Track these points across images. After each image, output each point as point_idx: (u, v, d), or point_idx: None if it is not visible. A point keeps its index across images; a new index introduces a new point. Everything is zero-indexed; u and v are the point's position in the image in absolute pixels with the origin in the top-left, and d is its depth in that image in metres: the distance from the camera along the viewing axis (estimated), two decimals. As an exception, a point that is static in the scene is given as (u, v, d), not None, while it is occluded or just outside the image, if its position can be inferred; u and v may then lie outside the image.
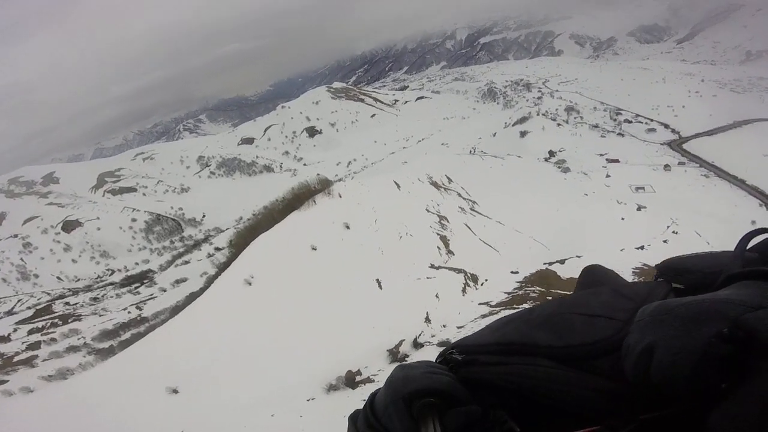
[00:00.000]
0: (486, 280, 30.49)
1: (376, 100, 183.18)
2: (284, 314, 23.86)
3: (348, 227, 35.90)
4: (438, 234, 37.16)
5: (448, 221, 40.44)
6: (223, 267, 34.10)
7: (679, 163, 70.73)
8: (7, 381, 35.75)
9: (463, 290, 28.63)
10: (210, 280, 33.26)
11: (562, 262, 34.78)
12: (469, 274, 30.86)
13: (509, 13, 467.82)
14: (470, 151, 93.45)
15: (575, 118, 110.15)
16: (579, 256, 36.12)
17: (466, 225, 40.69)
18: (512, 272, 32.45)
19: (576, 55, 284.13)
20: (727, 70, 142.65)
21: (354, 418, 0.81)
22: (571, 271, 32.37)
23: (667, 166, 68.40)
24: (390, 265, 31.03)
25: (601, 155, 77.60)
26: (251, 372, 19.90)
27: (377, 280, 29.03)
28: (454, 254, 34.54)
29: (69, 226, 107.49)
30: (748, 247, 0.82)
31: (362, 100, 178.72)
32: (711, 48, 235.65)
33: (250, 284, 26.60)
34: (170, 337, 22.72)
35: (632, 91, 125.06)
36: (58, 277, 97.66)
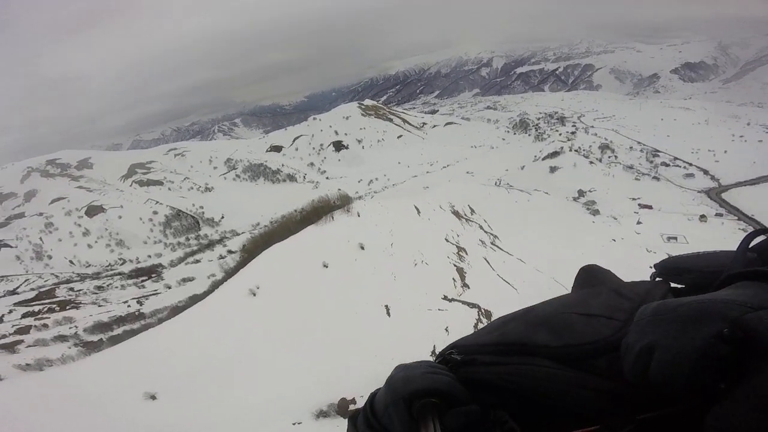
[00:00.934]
0: (500, 320, 28.52)
1: (404, 121, 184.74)
2: (284, 330, 22.61)
3: (363, 248, 34.70)
4: (455, 265, 35.45)
5: (466, 253, 38.72)
6: (231, 272, 33.31)
7: (717, 214, 66.04)
8: None
9: (475, 326, 26.72)
10: (215, 285, 32.44)
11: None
12: (483, 310, 28.95)
13: (549, 45, 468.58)
14: (496, 183, 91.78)
15: (609, 157, 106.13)
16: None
17: (485, 259, 38.85)
18: (530, 314, 30.43)
19: (615, 91, 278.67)
20: None
21: (354, 418, 0.80)
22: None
23: (703, 217, 64.01)
24: (401, 292, 29.50)
25: (634, 199, 74.20)
26: (238, 385, 18.72)
27: (386, 306, 27.50)
28: (469, 287, 32.71)
29: (92, 210, 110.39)
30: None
31: (391, 120, 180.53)
32: (760, 89, 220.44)
33: (254, 295, 25.54)
34: (160, 341, 21.74)
35: (672, 132, 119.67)
36: (70, 261, 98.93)
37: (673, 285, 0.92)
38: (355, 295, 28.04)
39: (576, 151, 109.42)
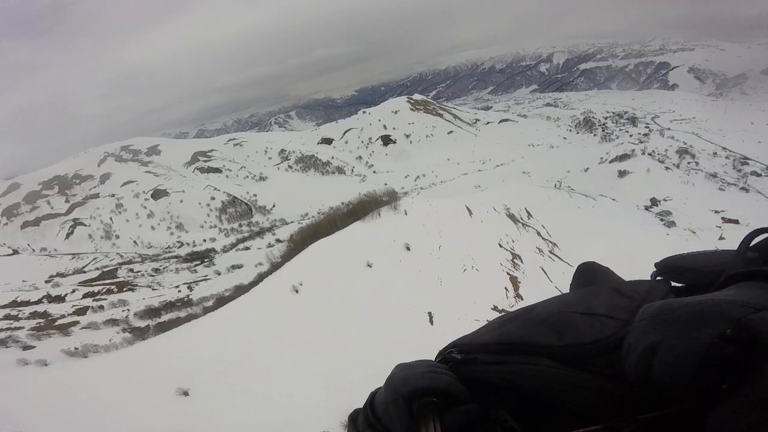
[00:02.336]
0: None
1: (455, 116, 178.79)
2: (323, 331, 21.51)
3: (408, 248, 32.90)
4: (508, 273, 32.52)
5: (521, 261, 35.51)
6: (276, 265, 33.05)
7: None
8: (34, 348, 37.40)
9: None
10: (261, 277, 32.34)
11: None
12: (538, 328, 26.08)
13: (618, 41, 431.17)
14: (555, 185, 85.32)
15: (689, 163, 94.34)
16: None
17: (542, 269, 35.40)
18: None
19: (694, 91, 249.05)
20: None
21: (354, 418, 0.80)
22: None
23: None
24: (447, 299, 27.37)
25: (717, 212, 65.23)
26: (271, 386, 17.87)
27: (429, 313, 25.60)
28: (522, 299, 29.70)
29: (158, 194, 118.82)
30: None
31: (441, 115, 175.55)
32: None
33: (296, 291, 24.79)
34: (199, 335, 21.53)
35: (764, 138, 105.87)
36: (134, 241, 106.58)
37: (673, 284, 0.92)
38: (398, 299, 26.41)
39: (649, 154, 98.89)
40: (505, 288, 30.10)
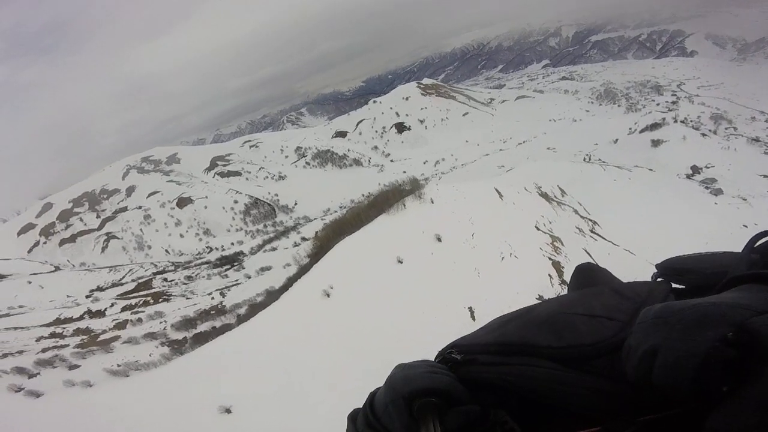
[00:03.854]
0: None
1: (468, 98, 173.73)
2: (360, 338, 20.28)
3: (440, 240, 31.20)
4: (550, 258, 30.46)
5: (562, 244, 33.29)
6: (304, 267, 32.14)
7: None
8: (79, 367, 38.03)
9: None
10: (290, 281, 31.51)
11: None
12: (589, 317, 24.11)
13: (626, 10, 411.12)
14: (584, 159, 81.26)
15: (726, 128, 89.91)
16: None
17: (585, 251, 33.05)
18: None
19: (715, 57, 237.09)
20: None
21: (354, 418, 0.79)
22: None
23: None
24: (487, 291, 25.66)
25: (766, 176, 60.96)
26: (308, 397, 16.86)
27: (470, 308, 24.01)
28: (568, 285, 27.80)
29: (182, 202, 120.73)
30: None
31: (454, 98, 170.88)
32: None
33: (328, 296, 23.67)
34: (234, 347, 20.81)
35: None
36: (166, 250, 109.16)
37: (674, 285, 0.92)
38: (434, 295, 24.90)
39: (682, 122, 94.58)
40: (549, 275, 28.12)
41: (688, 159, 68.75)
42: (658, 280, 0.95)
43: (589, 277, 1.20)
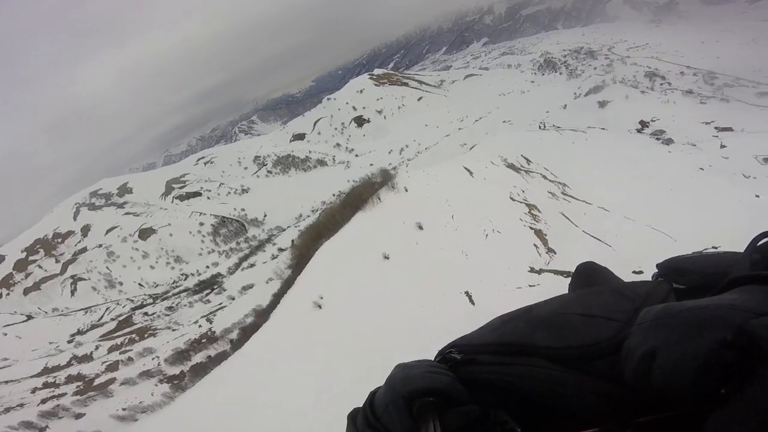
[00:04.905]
0: (604, 286, 24.13)
1: (420, 82, 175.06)
2: (362, 348, 19.29)
3: (421, 227, 30.96)
4: (531, 228, 31.01)
5: (539, 210, 33.99)
6: (288, 280, 31.03)
7: None
8: (84, 415, 36.01)
9: (579, 300, 22.68)
10: (276, 297, 30.33)
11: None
12: (581, 279, 24.72)
13: None
14: (540, 127, 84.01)
15: (661, 84, 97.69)
16: (715, 247, 28.33)
17: (563, 214, 33.95)
18: (635, 272, 25.76)
19: (635, 21, 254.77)
20: None
21: (354, 417, 0.79)
22: (716, 268, 25.08)
23: None
24: (479, 272, 25.69)
25: (707, 123, 66.16)
26: (317, 421, 16.14)
27: (467, 293, 23.86)
28: (555, 253, 28.36)
29: (144, 233, 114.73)
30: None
31: (406, 84, 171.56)
32: None
33: (320, 307, 22.80)
34: (234, 382, 19.73)
35: (720, 54, 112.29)
36: (139, 284, 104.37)
37: (675, 285, 0.91)
38: (428, 285, 24.59)
39: (620, 82, 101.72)
40: (534, 245, 28.62)
41: (634, 115, 72.94)
42: (659, 280, 0.95)
43: (589, 276, 1.19)
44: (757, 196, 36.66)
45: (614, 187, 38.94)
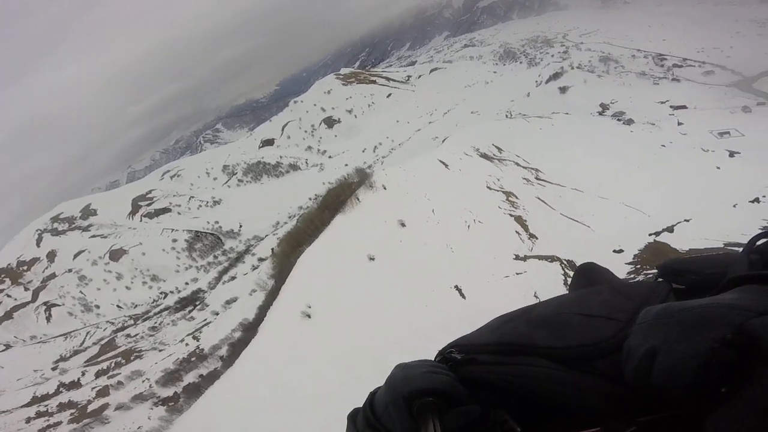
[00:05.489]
0: (587, 266, 24.83)
1: (388, 79, 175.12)
2: (357, 355, 18.96)
3: (404, 225, 30.98)
4: (511, 215, 31.60)
5: (516, 197, 34.70)
6: (272, 290, 30.34)
7: (759, 104, 62.88)
8: None
9: (566, 282, 23.25)
10: (261, 310, 29.57)
11: (670, 230, 28.58)
12: (564, 261, 25.40)
13: None
14: (506, 115, 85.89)
15: (615, 67, 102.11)
16: (687, 220, 29.78)
17: (539, 199, 34.80)
18: (615, 251, 26.75)
19: (584, 7, 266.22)
20: (757, 9, 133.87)
21: (354, 417, 0.79)
22: (686, 240, 26.21)
23: (746, 108, 60.98)
24: (466, 265, 25.96)
25: (662, 103, 69.92)
26: None
27: (456, 286, 24.07)
28: (537, 238, 29.02)
29: (115, 255, 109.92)
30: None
31: (374, 82, 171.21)
32: None
33: (309, 317, 22.35)
34: (227, 400, 19.05)
35: (666, 36, 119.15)
36: (117, 306, 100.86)
37: (675, 286, 0.92)
38: (417, 283, 24.61)
39: (578, 67, 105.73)
40: (516, 232, 29.17)
41: (594, 98, 75.95)
42: (659, 280, 0.95)
43: (589, 276, 1.20)
44: (718, 168, 38.83)
45: (584, 168, 40.26)
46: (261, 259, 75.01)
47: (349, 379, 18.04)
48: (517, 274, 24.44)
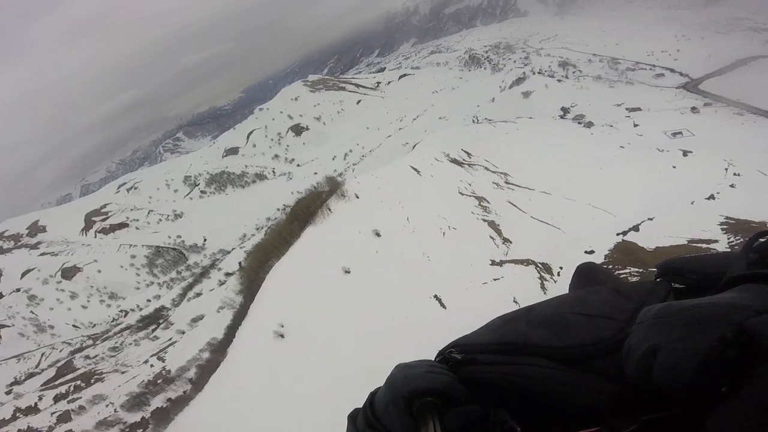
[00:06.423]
0: (561, 268, 25.00)
1: (357, 85, 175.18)
2: (338, 378, 17.95)
3: (378, 234, 30.21)
4: (484, 220, 31.56)
5: (488, 202, 34.79)
6: (242, 311, 28.61)
7: (705, 105, 67.75)
8: None
9: (542, 286, 23.26)
10: (230, 330, 27.76)
11: (636, 229, 29.39)
12: (539, 265, 25.45)
13: None
14: (473, 120, 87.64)
15: (573, 72, 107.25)
16: (651, 219, 30.87)
17: (510, 203, 35.07)
18: (587, 252, 27.16)
19: (542, 13, 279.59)
20: (701, 14, 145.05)
21: (354, 417, 0.79)
22: (651, 239, 26.97)
23: (694, 109, 65.56)
24: (444, 273, 25.48)
25: (619, 105, 74.01)
26: None
27: (436, 296, 23.49)
28: (511, 242, 29.03)
29: (68, 273, 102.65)
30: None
31: (343, 89, 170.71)
32: None
33: (282, 336, 21.01)
34: (197, 428, 17.44)
35: (619, 41, 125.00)
36: (73, 326, 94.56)
37: (674, 285, 0.92)
38: (395, 296, 23.80)
39: (539, 72, 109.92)
40: (490, 237, 29.08)
41: (555, 102, 79.03)
42: (658, 280, 0.95)
43: (589, 276, 1.19)
44: (674, 167, 40.88)
45: (550, 171, 41.18)
46: (228, 274, 72.06)
47: (328, 402, 16.92)
48: (495, 279, 24.19)
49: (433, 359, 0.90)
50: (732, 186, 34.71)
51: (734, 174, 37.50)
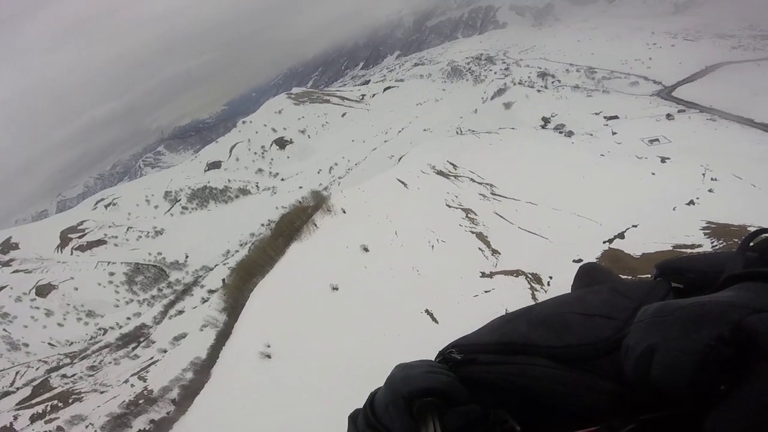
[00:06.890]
0: (551, 278, 25.00)
1: (342, 98, 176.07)
2: (325, 398, 17.28)
3: (366, 249, 29.70)
4: (472, 232, 31.47)
5: (475, 213, 34.79)
6: (226, 330, 27.55)
7: (679, 111, 69.69)
8: None
9: (533, 296, 23.14)
10: (214, 350, 26.63)
11: (621, 236, 29.82)
12: (529, 275, 25.39)
13: None
14: (456, 132, 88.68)
15: (552, 82, 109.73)
16: (635, 226, 31.37)
17: (497, 214, 35.15)
18: (575, 261, 27.26)
19: (520, 25, 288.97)
20: (670, 22, 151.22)
21: (354, 418, 0.79)
22: (637, 245, 27.36)
23: (669, 116, 67.26)
24: (435, 288, 25.09)
25: (597, 114, 75.84)
26: None
27: (427, 311, 23.06)
28: (500, 253, 28.95)
29: (43, 290, 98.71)
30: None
31: (328, 101, 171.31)
32: (642, 3, 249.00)
33: (269, 357, 20.14)
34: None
35: (594, 50, 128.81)
36: (49, 344, 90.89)
37: (673, 285, 0.92)
38: (386, 312, 23.25)
39: (519, 83, 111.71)
40: (480, 248, 28.94)
41: (536, 112, 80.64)
42: (657, 279, 0.96)
43: (590, 276, 1.21)
44: (653, 174, 41.95)
45: (535, 181, 41.70)
46: (211, 291, 70.20)
47: (318, 424, 16.15)
48: (486, 291, 23.96)
49: (433, 359, 0.90)
50: (710, 191, 35.77)
51: (711, 179, 38.70)
